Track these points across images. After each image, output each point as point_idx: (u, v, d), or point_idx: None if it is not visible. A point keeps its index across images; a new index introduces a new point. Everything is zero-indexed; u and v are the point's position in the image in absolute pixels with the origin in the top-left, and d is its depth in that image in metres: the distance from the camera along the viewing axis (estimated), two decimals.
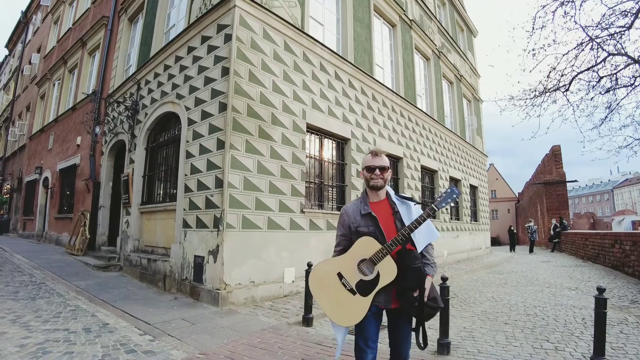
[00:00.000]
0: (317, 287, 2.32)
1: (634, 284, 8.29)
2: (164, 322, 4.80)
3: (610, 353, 3.91)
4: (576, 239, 17.04)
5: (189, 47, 7.38)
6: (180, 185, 7.03)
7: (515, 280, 9.48)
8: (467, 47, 19.90)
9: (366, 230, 2.30)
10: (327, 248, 7.80)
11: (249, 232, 6.21)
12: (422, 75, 14.32)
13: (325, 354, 3.83)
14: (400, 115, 11.59)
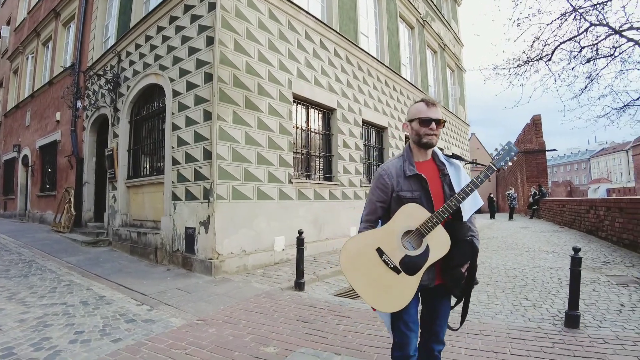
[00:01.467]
0: (352, 267, 1.89)
1: (607, 247, 8.68)
2: (159, 292, 4.88)
3: (583, 308, 4.14)
4: (554, 206, 17.57)
5: (171, 17, 7.16)
6: (167, 158, 6.97)
7: (496, 245, 9.81)
8: (451, 16, 19.74)
9: (410, 195, 1.93)
10: (315, 217, 7.93)
11: (239, 202, 6.25)
12: (407, 45, 14.23)
13: (318, 315, 3.98)
14: (385, 85, 11.57)
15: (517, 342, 3.25)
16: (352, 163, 9.44)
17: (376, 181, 2.01)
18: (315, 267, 6.41)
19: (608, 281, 5.44)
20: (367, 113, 10.35)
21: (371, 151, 11.06)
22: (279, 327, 3.63)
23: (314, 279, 5.75)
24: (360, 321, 3.77)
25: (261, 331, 3.51)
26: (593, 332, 3.46)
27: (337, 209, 8.71)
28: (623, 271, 6.03)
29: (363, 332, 3.50)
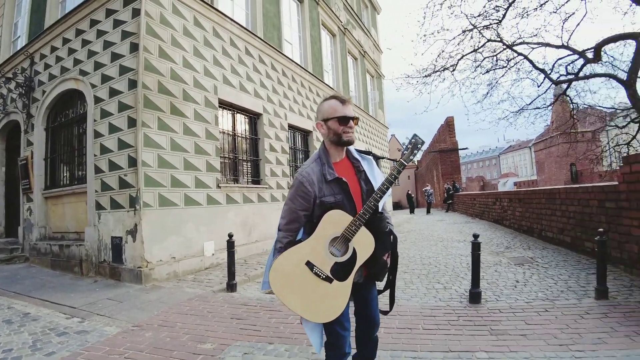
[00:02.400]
0: (284, 287, 1.88)
1: (510, 234, 9.95)
2: (89, 303, 4.80)
3: (485, 286, 4.88)
4: (466, 200, 19.39)
5: (92, 20, 6.91)
6: (89, 167, 6.74)
7: (414, 237, 10.72)
8: (371, 23, 20.85)
9: (333, 200, 1.92)
10: (244, 220, 8.12)
11: (166, 209, 6.27)
12: (329, 52, 14.87)
13: (251, 312, 4.25)
14: (309, 90, 12.04)
15: (428, 318, 3.81)
16: (279, 166, 9.75)
17: (296, 189, 1.93)
18: (246, 269, 6.63)
19: (508, 262, 6.35)
20: (293, 117, 10.73)
21: (297, 154, 11.46)
22: (214, 325, 3.84)
23: (246, 279, 5.98)
24: (290, 314, 4.07)
25: (197, 331, 3.70)
26: (491, 305, 4.14)
27: (266, 211, 8.97)
28: (520, 253, 7.05)
29: (293, 322, 3.82)
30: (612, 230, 5.32)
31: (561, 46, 9.13)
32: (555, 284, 4.84)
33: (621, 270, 5.12)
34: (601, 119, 12.46)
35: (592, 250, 5.99)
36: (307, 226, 2.03)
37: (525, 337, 3.19)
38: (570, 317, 3.60)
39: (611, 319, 3.50)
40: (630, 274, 4.92)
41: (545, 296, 4.37)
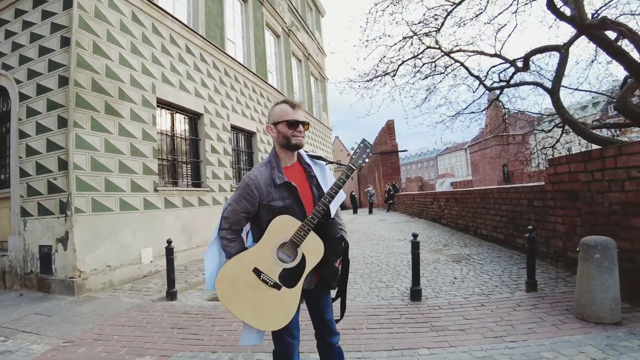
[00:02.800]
0: (230, 295, 1.84)
1: (447, 232, 10.52)
2: (13, 320, 4.42)
3: (425, 284, 5.15)
4: (406, 199, 20.19)
5: (17, 10, 6.33)
6: (13, 170, 6.18)
7: (357, 237, 11.00)
8: (315, 26, 21.02)
9: (281, 204, 1.90)
10: (184, 225, 7.89)
11: (100, 215, 5.93)
12: (273, 52, 14.81)
13: (193, 321, 4.16)
14: (253, 91, 11.92)
15: (372, 318, 3.95)
16: (221, 168, 9.57)
17: (242, 191, 1.92)
18: (187, 276, 6.45)
19: (446, 260, 6.72)
20: (236, 118, 10.57)
21: (241, 156, 11.31)
22: (153, 337, 3.72)
23: (186, 287, 5.82)
24: (234, 321, 4.04)
25: (135, 343, 3.56)
26: (432, 302, 4.38)
27: (207, 215, 8.76)
28: (458, 251, 7.49)
29: (237, 329, 3.79)
30: (539, 227, 5.83)
31: (494, 55, 9.76)
32: (490, 279, 5.23)
33: (548, 264, 5.64)
34: (530, 123, 13.53)
35: (522, 246, 6.54)
36: (255, 232, 2.03)
37: (464, 332, 3.42)
38: (504, 310, 3.91)
39: (540, 309, 3.85)
40: (556, 267, 5.45)
41: (482, 291, 4.71)
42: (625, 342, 2.95)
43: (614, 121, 9.50)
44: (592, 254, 3.54)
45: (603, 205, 4.28)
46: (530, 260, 4.54)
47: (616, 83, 10.03)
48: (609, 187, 4.18)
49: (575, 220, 4.92)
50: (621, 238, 3.90)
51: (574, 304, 3.71)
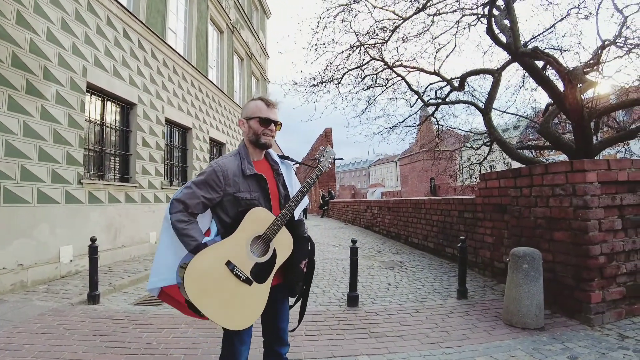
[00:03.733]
0: (200, 290, 1.67)
1: (379, 239, 10.81)
2: None
3: (361, 289, 5.20)
4: (340, 206, 20.51)
5: None
6: None
7: None
8: (259, 26, 20.71)
9: (248, 196, 1.85)
10: (110, 222, 7.28)
11: (14, 207, 5.26)
12: (215, 48, 14.33)
13: (118, 327, 3.81)
14: (191, 85, 11.41)
15: (310, 324, 3.89)
16: (152, 163, 8.99)
17: (207, 176, 1.81)
18: (111, 277, 5.94)
19: (380, 266, 6.88)
20: (171, 112, 10.02)
21: (174, 152, 10.72)
22: (72, 345, 3.31)
23: (111, 289, 5.35)
24: (164, 327, 3.79)
25: (50, 353, 3.15)
26: (368, 308, 4.42)
27: (135, 213, 8.17)
28: (390, 257, 7.70)
29: (168, 336, 3.54)
30: (469, 237, 6.18)
31: (433, 73, 10.26)
32: (423, 286, 5.42)
33: (476, 272, 5.98)
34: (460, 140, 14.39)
35: (452, 255, 6.89)
36: (219, 225, 1.90)
37: (402, 338, 3.48)
38: (439, 317, 4.05)
39: (471, 316, 4.05)
40: (483, 275, 5.79)
41: (415, 298, 4.86)
42: (549, 346, 3.19)
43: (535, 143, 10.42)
44: (521, 264, 3.80)
45: (529, 219, 4.62)
46: (462, 269, 4.77)
47: (538, 109, 11.01)
48: (535, 202, 4.51)
49: (502, 232, 5.27)
50: (544, 250, 4.24)
51: (503, 310, 3.95)
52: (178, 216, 1.76)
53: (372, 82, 10.71)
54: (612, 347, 3.11)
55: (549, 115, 8.28)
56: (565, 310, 4.00)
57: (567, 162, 4.14)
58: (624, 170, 3.94)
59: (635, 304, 3.90)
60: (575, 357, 2.95)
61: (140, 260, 7.56)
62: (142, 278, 6.18)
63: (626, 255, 3.91)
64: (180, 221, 1.76)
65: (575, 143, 7.19)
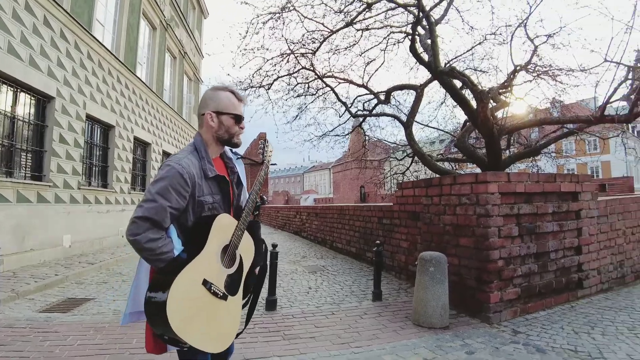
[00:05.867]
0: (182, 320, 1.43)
1: (307, 245, 11.00)
2: None
3: (281, 293, 5.31)
4: (271, 212, 20.45)
5: None
6: None
7: None
8: (195, 25, 20.17)
9: (211, 200, 1.66)
10: (17, 224, 6.71)
11: None
12: (146, 44, 13.76)
13: (18, 335, 3.57)
14: (117, 81, 10.85)
15: None
16: (69, 162, 8.40)
17: (171, 181, 1.52)
18: (15, 283, 5.48)
19: (303, 270, 7.03)
20: (93, 108, 9.46)
21: (94, 150, 10.09)
22: None
23: (13, 296, 4.96)
24: (70, 334, 3.61)
25: None
26: (286, 311, 4.52)
27: (47, 214, 7.58)
28: (315, 262, 7.88)
29: (73, 343, 3.38)
30: (386, 242, 6.55)
31: (361, 85, 10.71)
32: (342, 289, 5.65)
33: (392, 276, 6.35)
34: (386, 151, 15.11)
35: (371, 260, 7.22)
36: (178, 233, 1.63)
37: (314, 339, 3.61)
38: (352, 318, 4.24)
39: (383, 317, 4.29)
40: (399, 279, 6.17)
41: (333, 300, 5.05)
42: (450, 343, 3.49)
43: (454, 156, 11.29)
44: (428, 267, 4.11)
45: (439, 226, 5.01)
46: (377, 272, 5.04)
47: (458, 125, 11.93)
48: (444, 210, 4.91)
49: (416, 237, 5.66)
50: (451, 254, 4.63)
51: (412, 311, 4.23)
52: (147, 235, 1.46)
53: (304, 90, 10.93)
54: (505, 342, 3.47)
55: (465, 130, 9.07)
56: (469, 310, 4.34)
57: (473, 174, 4.55)
58: (522, 183, 4.43)
59: (528, 302, 4.39)
60: (472, 352, 3.25)
61: (51, 265, 7.01)
62: (52, 284, 5.79)
63: (522, 259, 4.39)
64: (152, 240, 1.47)
65: (487, 157, 7.95)
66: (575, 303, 4.70)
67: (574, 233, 4.92)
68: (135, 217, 1.47)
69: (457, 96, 7.84)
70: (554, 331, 3.75)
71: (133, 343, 3.41)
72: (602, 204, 5.40)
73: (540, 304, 4.48)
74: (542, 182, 4.63)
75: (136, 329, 3.81)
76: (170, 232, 1.60)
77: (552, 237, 4.68)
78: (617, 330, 3.74)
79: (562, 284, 4.71)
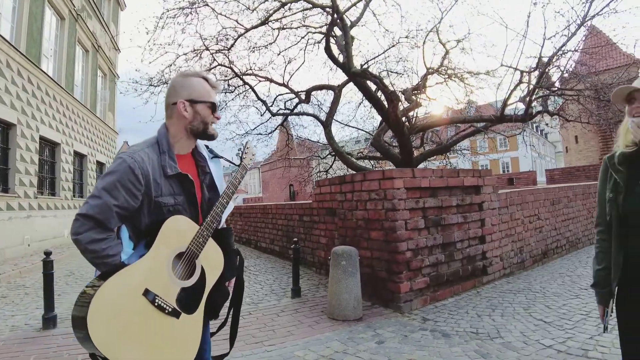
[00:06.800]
0: (115, 334, 1.19)
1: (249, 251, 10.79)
2: None
3: None
4: None
5: None
6: None
7: None
8: (111, 18, 18.93)
9: (172, 202, 1.44)
10: None
11: None
12: (54, 35, 12.66)
13: None
14: (18, 75, 9.89)
15: None
16: None
17: (120, 176, 1.32)
18: None
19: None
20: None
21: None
22: None
23: None
24: None
25: None
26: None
27: None
28: None
29: None
30: (307, 239, 6.65)
31: (282, 84, 10.76)
32: (262, 288, 5.65)
33: (313, 272, 6.46)
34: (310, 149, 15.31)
35: None
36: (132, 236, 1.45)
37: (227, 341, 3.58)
38: (269, 317, 4.23)
39: (300, 313, 4.32)
40: (319, 274, 6.29)
41: (252, 300, 5.02)
42: (362, 334, 3.57)
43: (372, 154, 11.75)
44: (340, 261, 4.20)
45: (352, 221, 5.16)
46: (295, 269, 5.10)
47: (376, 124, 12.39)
48: (356, 206, 5.08)
49: (333, 233, 5.80)
50: (363, 248, 4.80)
51: (328, 305, 4.31)
52: (89, 235, 1.29)
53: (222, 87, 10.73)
54: (415, 330, 3.62)
55: (381, 130, 9.49)
56: (382, 301, 4.50)
57: (380, 170, 4.76)
58: (427, 178, 4.68)
59: (437, 291, 4.64)
60: (382, 342, 3.35)
61: None
62: None
63: (429, 250, 4.64)
64: (93, 241, 1.29)
65: (400, 155, 8.38)
66: (480, 289, 5.04)
67: (478, 224, 5.30)
68: (78, 213, 1.30)
69: (370, 97, 8.17)
70: (460, 316, 3.99)
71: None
72: (503, 196, 5.87)
73: (448, 292, 4.76)
74: (446, 177, 4.94)
75: (36, 344, 3.56)
76: (122, 233, 1.45)
77: (457, 228, 5.00)
78: (515, 311, 4.07)
79: (468, 271, 5.05)
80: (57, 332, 3.95)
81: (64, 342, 3.58)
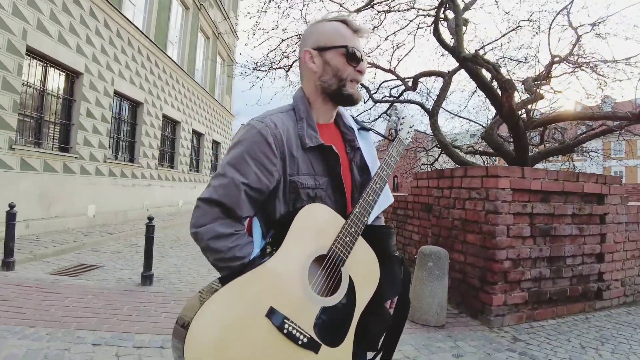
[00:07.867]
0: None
1: None
2: None
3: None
4: None
5: None
6: None
7: None
8: (231, 6, 20.32)
9: (311, 183, 1.06)
10: (43, 192, 7.14)
11: None
12: (179, 23, 14.04)
13: (22, 293, 3.79)
14: (147, 59, 11.18)
15: None
16: (96, 135, 8.80)
17: (249, 146, 1.01)
18: (35, 246, 5.87)
19: None
20: (121, 84, 9.82)
21: (122, 125, 10.52)
22: None
23: (30, 258, 5.32)
24: (69, 296, 3.80)
25: None
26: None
27: (73, 184, 8.01)
28: None
29: (69, 305, 3.56)
30: (399, 234, 6.37)
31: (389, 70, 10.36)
32: None
33: None
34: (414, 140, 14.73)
35: None
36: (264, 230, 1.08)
37: None
38: None
39: None
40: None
41: None
42: (440, 343, 3.23)
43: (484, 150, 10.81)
44: (427, 261, 3.89)
45: (448, 220, 4.74)
46: None
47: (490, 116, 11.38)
48: (454, 204, 4.65)
49: (427, 230, 5.42)
50: (457, 251, 4.40)
51: None
52: (214, 228, 0.97)
53: None
54: (501, 349, 3.18)
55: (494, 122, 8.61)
56: (470, 311, 4.07)
57: (484, 167, 4.27)
58: (538, 180, 4.07)
59: (537, 309, 4.05)
60: (460, 355, 3.01)
61: (72, 233, 7.45)
62: (68, 249, 6.16)
63: (532, 262, 4.06)
64: (218, 237, 0.97)
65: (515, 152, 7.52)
66: (591, 315, 4.28)
67: (597, 239, 4.50)
68: (199, 198, 1.00)
69: (483, 85, 7.44)
70: (559, 343, 3.43)
71: (124, 310, 3.56)
72: (634, 209, 4.91)
73: (550, 312, 4.15)
74: (563, 180, 4.24)
75: (132, 297, 3.99)
76: (254, 228, 1.07)
77: (570, 241, 4.30)
78: (631, 349, 3.32)
79: (577, 292, 4.33)
80: (151, 289, 4.42)
81: (154, 300, 3.98)
